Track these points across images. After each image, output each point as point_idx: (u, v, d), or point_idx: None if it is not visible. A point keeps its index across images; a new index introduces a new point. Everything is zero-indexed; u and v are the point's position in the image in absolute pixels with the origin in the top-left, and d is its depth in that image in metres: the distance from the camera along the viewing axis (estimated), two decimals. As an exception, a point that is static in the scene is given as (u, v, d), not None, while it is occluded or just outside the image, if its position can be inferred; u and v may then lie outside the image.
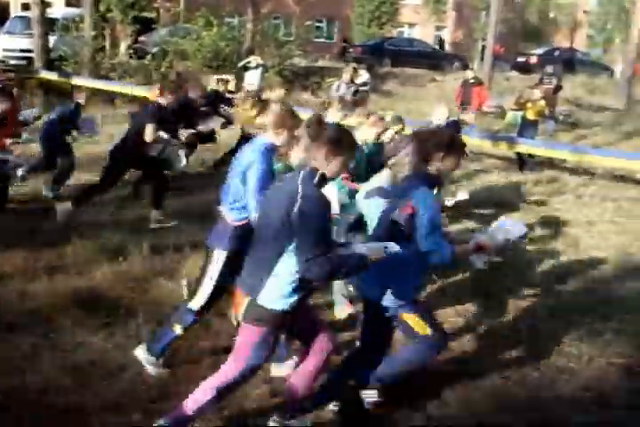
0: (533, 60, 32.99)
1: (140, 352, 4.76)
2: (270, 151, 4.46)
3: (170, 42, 22.57)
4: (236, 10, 26.22)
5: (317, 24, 38.93)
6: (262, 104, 4.64)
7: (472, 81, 16.82)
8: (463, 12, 43.57)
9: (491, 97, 19.93)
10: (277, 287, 3.59)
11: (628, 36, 25.98)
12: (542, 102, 13.63)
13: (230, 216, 4.52)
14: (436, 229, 4.01)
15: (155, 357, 4.72)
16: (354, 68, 15.80)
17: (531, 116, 13.65)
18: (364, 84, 16.17)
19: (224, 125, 10.58)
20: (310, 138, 3.73)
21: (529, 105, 13.57)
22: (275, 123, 4.42)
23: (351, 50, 31.02)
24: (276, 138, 4.46)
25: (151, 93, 12.13)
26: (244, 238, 4.23)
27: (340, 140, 3.58)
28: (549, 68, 18.87)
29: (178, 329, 4.67)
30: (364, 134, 6.45)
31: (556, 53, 34.39)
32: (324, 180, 3.58)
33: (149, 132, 7.94)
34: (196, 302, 4.59)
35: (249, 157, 4.40)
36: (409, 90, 23.19)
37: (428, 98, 21.66)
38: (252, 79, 17.26)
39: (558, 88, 17.59)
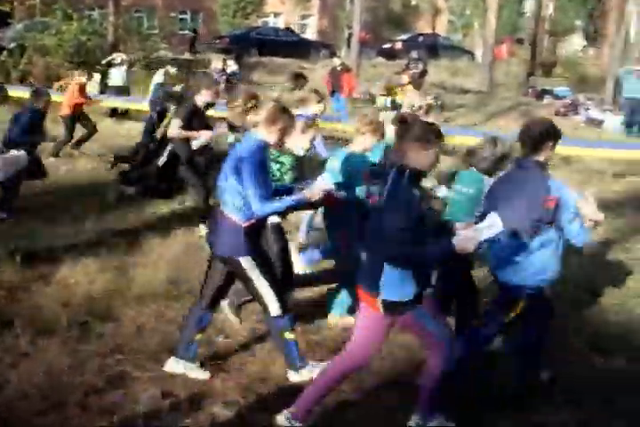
0: (398, 46, 33.72)
1: (292, 377, 4.73)
2: (262, 148, 4.47)
3: (27, 37, 21.57)
4: (95, 2, 25.40)
5: (181, 16, 38.33)
6: (255, 101, 4.63)
7: (340, 68, 17.00)
8: (328, 0, 43.92)
9: (359, 83, 20.19)
10: (394, 281, 3.79)
11: (485, 22, 26.95)
12: (410, 87, 13.92)
13: (236, 217, 4.45)
14: (577, 214, 4.23)
15: (301, 369, 4.70)
16: (223, 59, 15.69)
17: (400, 100, 13.90)
18: (234, 73, 16.06)
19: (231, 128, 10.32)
20: (399, 137, 3.85)
21: (397, 90, 13.83)
22: (268, 120, 4.43)
23: (217, 41, 30.68)
24: (269, 135, 4.46)
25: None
26: (255, 236, 4.52)
27: (427, 135, 3.75)
28: (414, 54, 19.32)
29: (290, 335, 4.67)
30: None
31: (420, 39, 35.28)
32: (418, 175, 3.78)
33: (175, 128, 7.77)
34: (275, 309, 4.58)
35: (241, 154, 4.39)
36: (278, 79, 23.17)
37: (298, 87, 21.72)
38: (116, 76, 16.93)
39: (424, 72, 18.02)
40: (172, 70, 14.32)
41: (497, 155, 5.13)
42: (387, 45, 34.94)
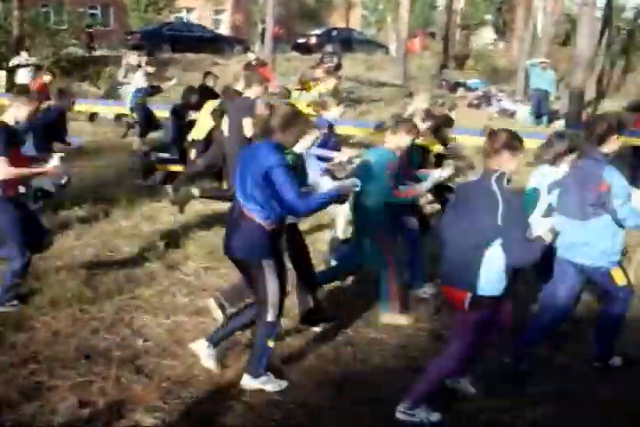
0: (313, 40, 33.70)
1: (247, 382, 4.65)
2: (281, 150, 4.53)
3: None
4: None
5: (91, 11, 37.36)
6: (270, 107, 4.70)
7: (255, 63, 16.87)
8: (240, -5, 43.61)
9: (274, 78, 20.08)
10: (490, 277, 4.07)
11: (398, 16, 27.17)
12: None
13: (261, 220, 4.48)
14: (629, 199, 4.78)
15: (262, 375, 4.67)
16: (138, 55, 15.36)
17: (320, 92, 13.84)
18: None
19: None
20: (490, 147, 4.14)
21: (311, 84, 13.82)
22: (283, 124, 4.53)
23: (129, 37, 30.02)
24: (285, 139, 4.57)
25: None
26: (277, 239, 4.63)
27: (514, 143, 4.13)
28: (329, 48, 19.39)
29: (271, 343, 4.68)
30: None
31: (334, 33, 35.37)
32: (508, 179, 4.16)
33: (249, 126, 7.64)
34: (272, 315, 4.59)
35: (264, 159, 4.41)
36: (191, 75, 22.83)
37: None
38: (23, 76, 16.50)
39: (338, 66, 18.05)
40: (151, 70, 14.00)
41: (563, 148, 5.35)
42: (301, 40, 34.89)
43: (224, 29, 41.97)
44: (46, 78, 13.09)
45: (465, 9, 40.52)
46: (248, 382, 4.65)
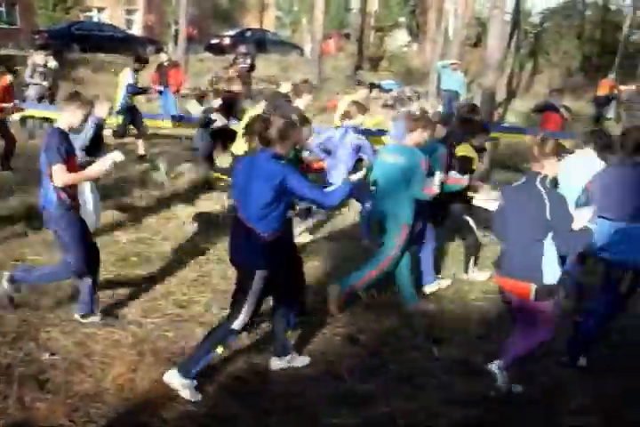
0: (226, 41, 33.35)
1: (172, 377, 4.54)
2: (281, 158, 4.68)
3: None
4: None
5: (-4, 9, 36.11)
6: (266, 119, 4.72)
7: (167, 64, 16.54)
8: (153, -5, 42.84)
9: (188, 79, 19.81)
10: (550, 267, 4.60)
11: (312, 18, 27.18)
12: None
13: (260, 230, 4.58)
14: None
15: (190, 379, 4.54)
16: (45, 54, 14.86)
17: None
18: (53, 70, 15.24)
19: None
20: (539, 153, 4.63)
21: (223, 85, 13.65)
22: (281, 137, 4.63)
23: (36, 36, 29.08)
24: (282, 150, 4.69)
25: None
26: (277, 251, 4.65)
27: (560, 150, 4.73)
28: (243, 49, 19.17)
29: (220, 350, 4.68)
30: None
31: (248, 34, 35.11)
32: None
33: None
34: (240, 322, 4.62)
35: (272, 171, 4.52)
36: (101, 76, 22.31)
37: (125, 84, 20.92)
38: None
39: (252, 67, 17.90)
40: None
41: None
42: (215, 41, 34.49)
43: (137, 30, 41.13)
44: (9, 78, 12.25)
45: (379, 11, 40.88)
46: (173, 378, 4.55)
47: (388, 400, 4.66)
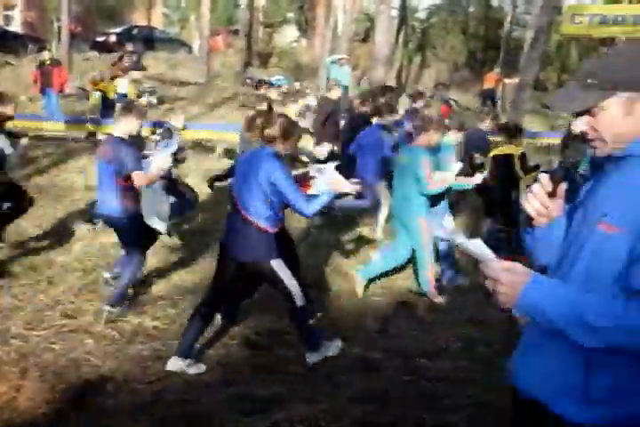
0: (112, 38, 32.45)
1: (175, 363, 4.88)
2: (278, 157, 4.82)
3: None
4: None
5: None
6: (268, 117, 4.94)
7: (49, 62, 15.94)
8: (32, -10, 41.28)
9: (72, 78, 19.17)
10: None
11: (200, 15, 26.82)
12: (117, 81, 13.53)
13: (264, 224, 4.78)
14: None
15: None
16: None
17: (111, 95, 13.45)
18: None
19: None
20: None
21: (103, 84, 13.37)
22: (283, 135, 4.79)
23: None
24: (284, 148, 4.87)
25: None
26: (281, 239, 4.96)
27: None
28: (130, 46, 18.74)
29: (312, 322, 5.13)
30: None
31: (135, 32, 34.29)
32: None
33: None
34: (300, 299, 4.95)
35: (266, 169, 4.70)
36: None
37: (5, 83, 20.07)
38: None
39: (139, 65, 17.53)
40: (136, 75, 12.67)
41: None
42: (100, 38, 33.51)
43: (16, 26, 39.57)
44: None
45: (267, 6, 40.74)
46: (175, 364, 4.89)
47: (290, 404, 4.54)
